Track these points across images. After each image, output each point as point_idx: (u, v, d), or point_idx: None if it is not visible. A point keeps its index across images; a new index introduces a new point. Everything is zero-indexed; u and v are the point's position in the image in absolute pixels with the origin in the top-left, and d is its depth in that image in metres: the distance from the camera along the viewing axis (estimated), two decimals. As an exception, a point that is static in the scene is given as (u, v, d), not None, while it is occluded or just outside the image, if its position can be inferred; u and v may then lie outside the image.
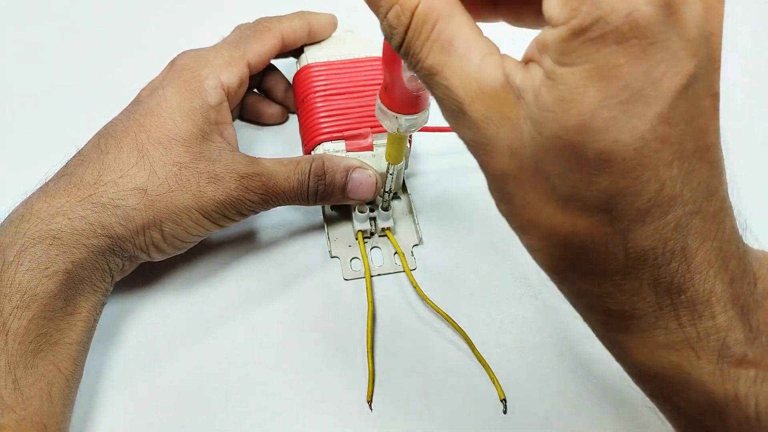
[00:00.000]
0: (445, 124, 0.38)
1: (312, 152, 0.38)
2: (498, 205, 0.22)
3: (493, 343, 0.35)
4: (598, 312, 0.22)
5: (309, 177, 0.34)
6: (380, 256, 0.39)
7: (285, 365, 0.34)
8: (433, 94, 0.21)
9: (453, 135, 0.43)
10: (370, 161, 0.37)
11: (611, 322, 0.21)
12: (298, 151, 0.41)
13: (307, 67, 0.40)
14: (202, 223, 0.33)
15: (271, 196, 0.34)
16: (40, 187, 0.32)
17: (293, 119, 0.45)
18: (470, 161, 0.21)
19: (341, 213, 0.40)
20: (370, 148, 0.37)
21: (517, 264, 0.38)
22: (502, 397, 0.33)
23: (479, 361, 0.34)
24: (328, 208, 0.39)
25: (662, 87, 0.17)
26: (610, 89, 0.17)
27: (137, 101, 0.35)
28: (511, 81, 0.19)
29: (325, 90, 0.39)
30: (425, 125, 0.39)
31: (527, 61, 0.19)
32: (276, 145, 0.44)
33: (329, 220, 0.39)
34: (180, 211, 0.32)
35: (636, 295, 0.20)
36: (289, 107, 0.44)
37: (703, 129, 0.18)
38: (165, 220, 0.32)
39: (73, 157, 0.33)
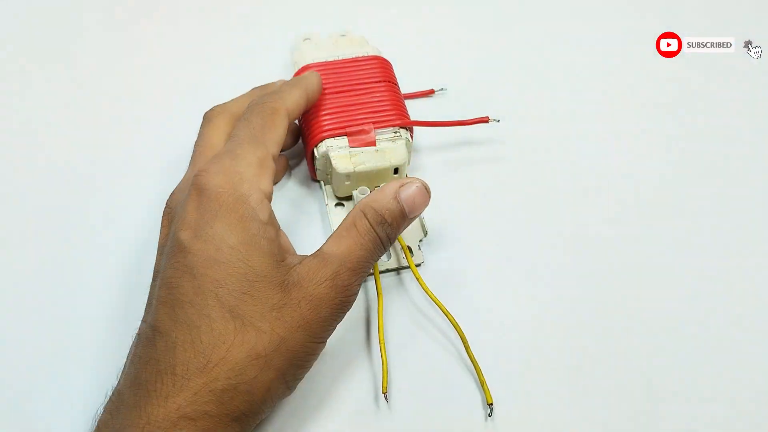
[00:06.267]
0: (445, 119, 0.39)
1: (315, 149, 0.38)
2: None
3: (494, 342, 0.35)
4: None
5: (375, 230, 0.31)
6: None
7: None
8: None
9: (453, 129, 0.43)
10: (374, 156, 0.37)
11: None
12: (298, 151, 0.41)
13: (307, 67, 0.41)
14: (317, 350, 0.30)
15: (362, 273, 0.31)
16: (138, 386, 0.26)
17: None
18: (472, 154, 0.21)
19: (347, 208, 0.40)
20: (373, 143, 0.38)
21: (524, 257, 0.38)
22: (490, 402, 0.32)
23: (471, 361, 0.34)
24: (332, 204, 0.40)
25: None
26: None
27: (184, 250, 0.29)
28: None
29: (325, 88, 0.39)
30: (427, 120, 0.40)
31: None
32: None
33: (335, 216, 0.40)
34: (297, 354, 0.29)
35: None
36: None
37: None
38: (286, 372, 0.28)
39: (151, 340, 0.28)
